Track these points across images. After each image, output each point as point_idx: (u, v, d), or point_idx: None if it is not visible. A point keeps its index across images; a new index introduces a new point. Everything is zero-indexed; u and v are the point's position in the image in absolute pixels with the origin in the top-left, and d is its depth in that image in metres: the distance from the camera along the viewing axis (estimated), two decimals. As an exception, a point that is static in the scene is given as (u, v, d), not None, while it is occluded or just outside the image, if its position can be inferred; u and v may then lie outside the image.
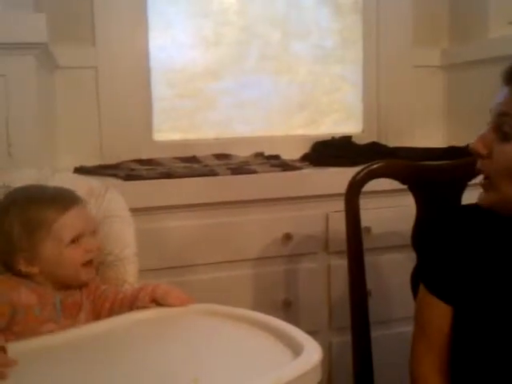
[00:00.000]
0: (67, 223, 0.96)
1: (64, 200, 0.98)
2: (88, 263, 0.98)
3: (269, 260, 1.55)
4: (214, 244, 1.50)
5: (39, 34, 1.26)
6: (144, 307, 0.97)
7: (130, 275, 1.08)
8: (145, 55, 1.80)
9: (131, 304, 0.99)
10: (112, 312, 0.99)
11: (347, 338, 1.24)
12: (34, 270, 0.95)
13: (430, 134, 2.04)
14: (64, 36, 1.66)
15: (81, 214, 0.98)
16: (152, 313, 0.96)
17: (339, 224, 1.27)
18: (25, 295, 0.93)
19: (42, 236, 0.95)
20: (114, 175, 1.51)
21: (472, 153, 0.92)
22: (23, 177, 1.04)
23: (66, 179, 1.09)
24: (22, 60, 1.27)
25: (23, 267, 0.95)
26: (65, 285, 0.97)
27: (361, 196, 1.17)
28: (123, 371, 0.77)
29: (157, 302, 0.98)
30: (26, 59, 1.27)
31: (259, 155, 1.84)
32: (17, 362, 0.79)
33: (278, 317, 0.91)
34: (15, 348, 0.83)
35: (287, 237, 1.54)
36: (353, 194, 1.14)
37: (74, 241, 0.96)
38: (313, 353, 0.76)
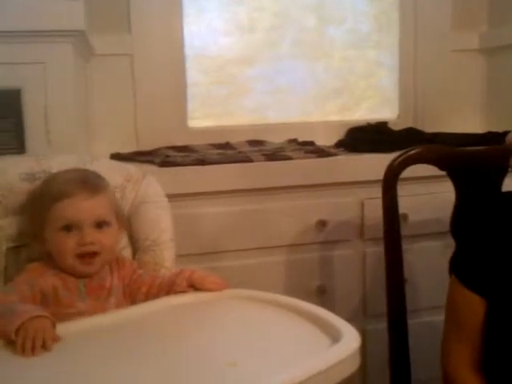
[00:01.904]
0: (63, 209, 0.95)
1: (75, 186, 0.97)
2: (84, 256, 0.96)
3: (303, 247, 1.55)
4: (249, 230, 1.50)
5: (77, 21, 1.27)
6: (181, 292, 0.98)
7: (166, 260, 1.09)
8: (179, 42, 1.80)
9: (169, 288, 1.00)
10: (148, 296, 1.01)
11: (381, 325, 1.24)
12: (44, 249, 0.97)
13: (468, 120, 1.99)
14: (100, 24, 1.66)
15: (84, 206, 0.96)
16: (189, 297, 0.97)
17: (375, 211, 1.26)
18: (50, 279, 0.95)
19: (45, 216, 0.97)
20: (150, 162, 1.52)
21: (509, 146, 0.89)
22: (63, 163, 1.06)
23: (104, 165, 1.10)
24: (60, 47, 1.28)
25: (39, 245, 0.98)
26: (67, 272, 0.97)
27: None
28: (161, 355, 0.78)
29: (194, 287, 0.99)
30: (63, 46, 1.28)
31: (293, 141, 1.83)
32: (60, 339, 0.81)
33: (312, 304, 0.90)
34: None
35: (322, 223, 1.53)
36: (390, 180, 1.12)
37: (69, 229, 0.95)
38: (351, 339, 0.76)
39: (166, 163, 1.48)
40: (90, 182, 0.99)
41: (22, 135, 1.28)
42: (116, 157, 1.58)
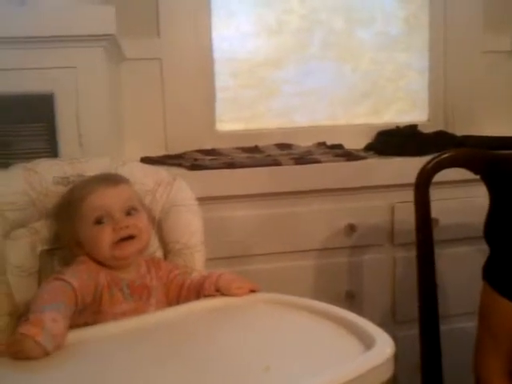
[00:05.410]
0: (90, 203, 0.97)
1: (97, 182, 1.00)
2: (121, 242, 0.97)
3: (332, 251, 1.54)
4: (278, 234, 1.50)
5: (108, 25, 1.28)
6: (210, 295, 0.99)
7: (196, 263, 1.10)
8: (208, 45, 1.81)
9: (197, 292, 1.00)
10: (180, 297, 1.02)
11: (412, 331, 1.22)
12: (81, 251, 0.98)
13: (500, 122, 1.96)
14: (129, 28, 1.68)
15: (110, 194, 0.98)
16: (220, 301, 0.97)
17: (405, 215, 1.25)
18: (101, 277, 0.96)
19: (76, 219, 0.98)
20: (179, 165, 1.53)
21: None
22: (96, 166, 1.07)
23: (135, 168, 1.11)
24: (92, 52, 1.29)
25: (75, 249, 0.99)
26: (108, 266, 0.98)
27: (428, 186, 1.14)
28: (194, 359, 0.78)
29: (221, 292, 0.99)
30: (95, 51, 1.29)
31: (321, 145, 1.82)
32: None
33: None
34: (86, 333, 0.87)
35: (351, 228, 1.52)
36: (423, 183, 1.11)
37: (100, 221, 0.97)
38: (385, 346, 0.75)
39: (195, 166, 1.49)
40: (110, 177, 1.03)
41: (55, 139, 1.29)
42: (146, 160, 1.59)
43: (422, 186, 1.11)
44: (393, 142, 1.71)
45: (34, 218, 1.03)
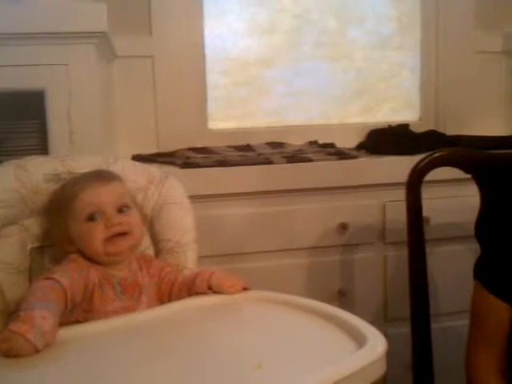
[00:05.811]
0: (83, 200, 0.97)
1: (89, 179, 1.00)
2: (113, 238, 0.96)
3: (324, 249, 1.54)
4: (270, 232, 1.50)
5: (100, 23, 1.27)
6: (202, 293, 0.99)
7: (189, 261, 1.09)
8: (200, 44, 1.81)
9: (189, 289, 1.00)
10: (171, 295, 1.02)
11: (403, 329, 1.23)
12: (72, 248, 0.98)
13: (491, 122, 1.97)
14: (121, 26, 1.67)
15: (102, 191, 0.98)
16: (212, 299, 0.97)
17: (396, 214, 1.25)
18: (92, 274, 0.96)
19: (67, 216, 0.98)
20: (171, 163, 1.53)
21: None
22: (87, 163, 1.06)
23: (127, 166, 1.10)
24: (83, 48, 1.29)
25: (66, 246, 0.98)
26: (99, 263, 0.97)
27: (420, 185, 1.14)
28: (186, 357, 0.78)
29: (213, 290, 0.99)
30: (86, 48, 1.29)
31: (313, 143, 1.82)
32: None
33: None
34: (77, 330, 0.86)
35: (343, 226, 1.53)
36: (415, 182, 1.11)
37: (93, 218, 0.96)
38: (377, 344, 0.75)
39: (187, 165, 1.48)
40: (102, 174, 1.02)
41: (46, 136, 1.29)
42: (137, 158, 1.58)
43: (414, 184, 1.12)
44: (385, 140, 1.72)
45: (25, 215, 1.02)
